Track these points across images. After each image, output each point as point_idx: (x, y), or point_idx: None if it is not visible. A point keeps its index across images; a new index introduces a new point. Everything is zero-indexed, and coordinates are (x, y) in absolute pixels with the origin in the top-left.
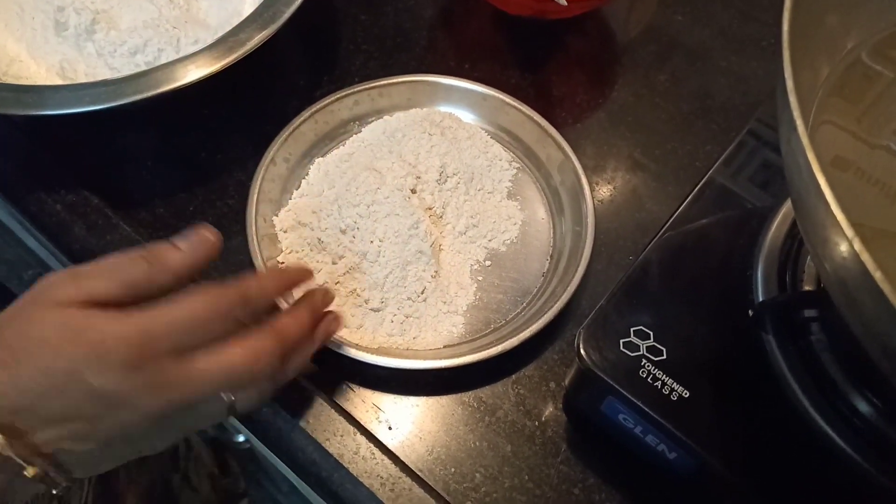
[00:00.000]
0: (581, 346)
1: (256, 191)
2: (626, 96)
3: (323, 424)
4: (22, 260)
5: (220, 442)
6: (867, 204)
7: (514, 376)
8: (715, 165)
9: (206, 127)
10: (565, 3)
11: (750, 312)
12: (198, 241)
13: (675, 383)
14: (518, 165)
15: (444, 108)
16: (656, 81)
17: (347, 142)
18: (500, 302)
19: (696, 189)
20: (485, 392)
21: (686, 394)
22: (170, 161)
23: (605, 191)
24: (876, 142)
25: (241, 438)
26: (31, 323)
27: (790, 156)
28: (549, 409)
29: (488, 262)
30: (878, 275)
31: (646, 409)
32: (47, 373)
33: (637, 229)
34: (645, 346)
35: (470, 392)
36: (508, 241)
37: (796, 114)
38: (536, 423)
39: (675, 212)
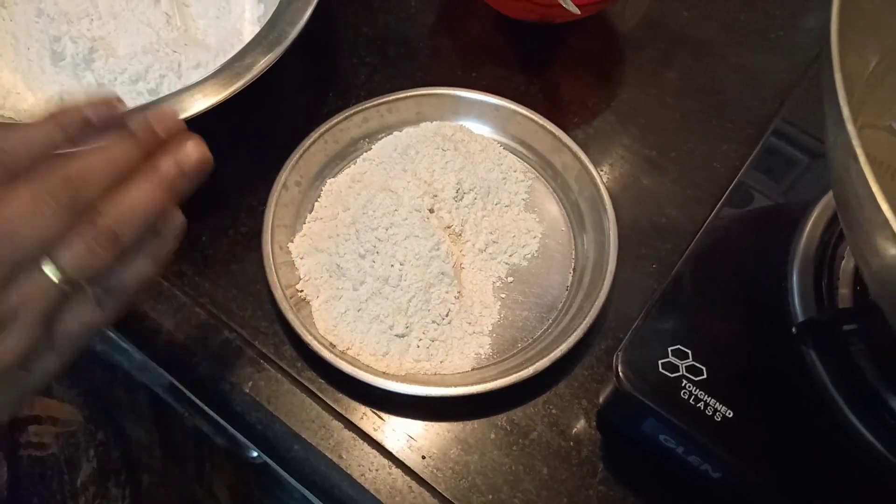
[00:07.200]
0: (619, 368)
1: (270, 218)
2: (636, 97)
3: (357, 459)
4: None
5: (233, 454)
6: None
7: (545, 396)
8: (742, 169)
9: (211, 152)
10: (577, 11)
11: (793, 330)
12: None
13: (717, 403)
14: (533, 176)
15: (454, 121)
16: (665, 80)
17: (358, 160)
18: (525, 319)
19: (725, 196)
20: (517, 414)
21: (730, 414)
22: None
23: (622, 197)
24: None
25: (254, 454)
26: None
27: (836, 156)
28: (582, 428)
29: (510, 279)
30: None
31: (690, 431)
32: None
33: (658, 236)
34: (684, 365)
35: (502, 414)
36: (529, 256)
37: (846, 112)
38: (571, 443)
39: (705, 221)
